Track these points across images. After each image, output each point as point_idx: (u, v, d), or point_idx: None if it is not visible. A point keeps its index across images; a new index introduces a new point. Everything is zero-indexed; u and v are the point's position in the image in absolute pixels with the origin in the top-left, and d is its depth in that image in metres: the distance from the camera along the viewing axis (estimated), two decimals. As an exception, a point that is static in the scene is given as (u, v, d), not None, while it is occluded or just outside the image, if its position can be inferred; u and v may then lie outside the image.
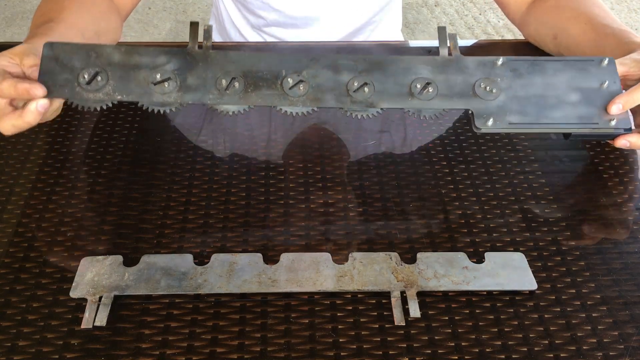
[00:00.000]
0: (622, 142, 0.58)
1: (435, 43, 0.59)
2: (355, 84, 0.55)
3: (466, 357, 0.47)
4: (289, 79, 0.54)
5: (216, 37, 1.07)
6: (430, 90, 0.55)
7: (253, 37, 0.99)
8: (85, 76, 0.54)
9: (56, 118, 0.69)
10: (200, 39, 0.57)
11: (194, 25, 0.57)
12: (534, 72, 0.57)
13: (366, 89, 0.54)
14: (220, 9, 1.01)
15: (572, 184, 0.62)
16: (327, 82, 0.55)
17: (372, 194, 0.61)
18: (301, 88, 0.54)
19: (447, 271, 0.52)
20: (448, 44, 0.58)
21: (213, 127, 0.69)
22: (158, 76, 0.54)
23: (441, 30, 0.58)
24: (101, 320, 0.49)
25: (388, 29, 1.02)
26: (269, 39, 0.98)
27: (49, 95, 0.54)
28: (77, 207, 0.59)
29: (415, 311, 0.49)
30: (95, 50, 0.55)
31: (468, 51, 0.84)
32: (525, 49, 0.81)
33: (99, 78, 0.54)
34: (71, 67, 0.54)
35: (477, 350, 0.47)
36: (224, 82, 0.54)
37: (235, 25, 1.00)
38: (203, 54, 0.56)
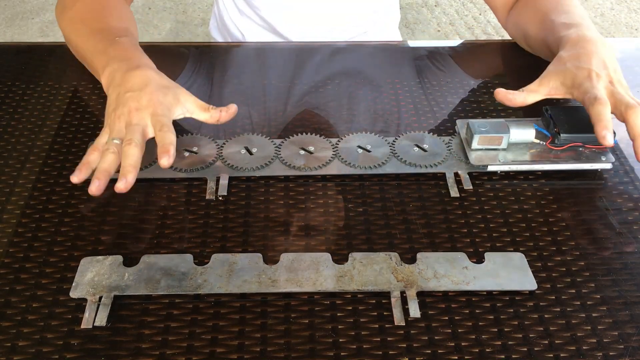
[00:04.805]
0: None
1: (434, 43, 0.59)
2: None
3: (466, 357, 0.47)
4: None
5: (217, 37, 1.07)
6: None
7: (254, 34, 0.99)
8: None
9: (56, 118, 0.69)
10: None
11: None
12: None
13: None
14: (220, 7, 1.02)
15: (572, 184, 0.62)
16: None
17: (372, 194, 0.61)
18: None
19: (447, 271, 0.52)
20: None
21: (211, 127, 0.68)
22: None
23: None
24: (101, 320, 0.49)
25: (386, 26, 1.02)
26: (272, 38, 0.98)
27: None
28: (77, 207, 0.59)
29: (415, 311, 0.49)
30: None
31: (468, 51, 0.84)
32: (523, 48, 0.81)
33: None
34: None
35: (477, 350, 0.47)
36: None
37: (234, 23, 1.00)
38: None
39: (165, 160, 0.55)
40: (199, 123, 0.69)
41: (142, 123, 0.58)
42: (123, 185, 0.55)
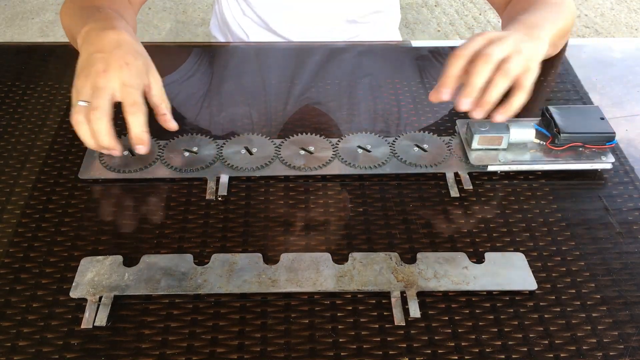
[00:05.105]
0: (498, 117, 0.59)
1: (434, 43, 0.59)
2: None
3: (466, 357, 0.47)
4: None
5: (218, 36, 1.07)
6: None
7: (256, 34, 0.99)
8: None
9: (56, 118, 0.69)
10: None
11: None
12: None
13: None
14: (223, 7, 1.02)
15: (572, 184, 0.62)
16: None
17: (372, 194, 0.61)
18: None
19: (447, 271, 0.52)
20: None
21: (211, 127, 0.68)
22: None
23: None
24: (101, 320, 0.49)
25: (386, 26, 1.02)
26: (272, 37, 0.98)
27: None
28: (77, 207, 0.59)
29: (415, 311, 0.49)
30: None
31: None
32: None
33: None
34: None
35: (477, 350, 0.47)
36: None
37: (237, 21, 1.00)
38: None
39: (142, 149, 0.58)
40: (198, 122, 0.69)
41: (108, 86, 0.57)
42: (117, 154, 0.60)
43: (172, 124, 0.62)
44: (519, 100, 0.58)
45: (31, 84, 0.75)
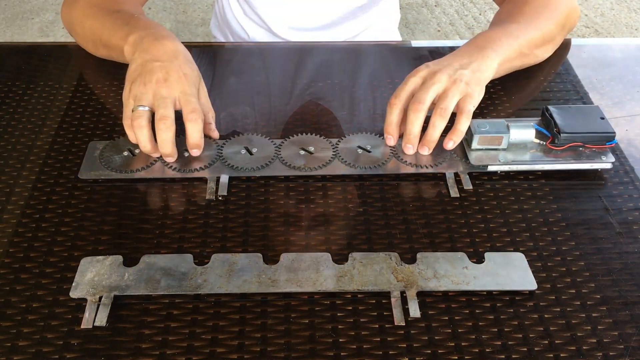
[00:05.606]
0: (448, 145, 0.62)
1: (434, 43, 0.59)
2: None
3: (466, 357, 0.47)
4: None
5: (218, 36, 1.07)
6: None
7: (256, 33, 0.99)
8: None
9: (56, 118, 0.69)
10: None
11: None
12: None
13: None
14: (224, 7, 1.02)
15: (572, 184, 0.62)
16: None
17: (372, 194, 0.61)
18: None
19: (447, 271, 0.52)
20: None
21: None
22: None
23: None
24: (101, 320, 0.49)
25: (386, 26, 1.02)
26: (273, 38, 0.98)
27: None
28: (77, 207, 0.59)
29: (415, 311, 0.49)
30: None
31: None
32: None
33: None
34: None
35: (477, 350, 0.47)
36: None
37: (238, 21, 1.00)
38: None
39: (197, 152, 0.61)
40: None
41: (171, 96, 0.60)
42: (172, 161, 0.61)
43: (216, 133, 0.65)
44: (463, 125, 0.61)
45: (31, 84, 0.75)
